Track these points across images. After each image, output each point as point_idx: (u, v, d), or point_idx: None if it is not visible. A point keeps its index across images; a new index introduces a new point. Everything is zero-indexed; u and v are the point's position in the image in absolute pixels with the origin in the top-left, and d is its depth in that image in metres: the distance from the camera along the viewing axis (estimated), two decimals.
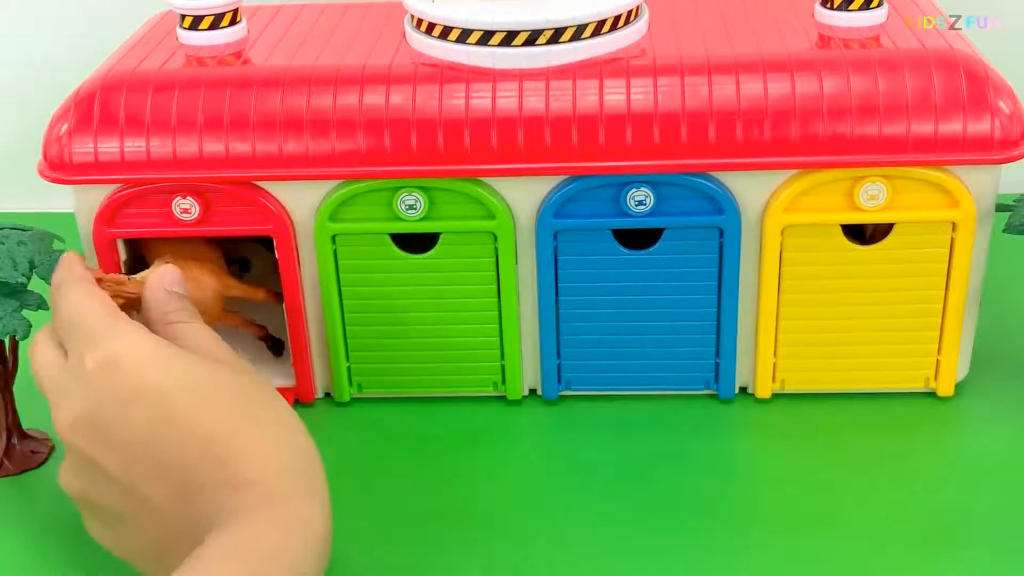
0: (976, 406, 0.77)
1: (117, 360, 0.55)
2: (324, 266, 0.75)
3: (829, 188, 0.71)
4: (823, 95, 0.70)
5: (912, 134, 0.69)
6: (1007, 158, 0.70)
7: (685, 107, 0.70)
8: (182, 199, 0.73)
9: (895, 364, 0.76)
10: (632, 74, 0.71)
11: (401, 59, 0.75)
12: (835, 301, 0.74)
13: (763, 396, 0.78)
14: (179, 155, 0.72)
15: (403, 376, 0.79)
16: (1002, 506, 0.68)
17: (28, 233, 0.72)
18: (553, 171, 0.71)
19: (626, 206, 0.72)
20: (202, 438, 0.53)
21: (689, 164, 0.70)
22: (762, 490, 0.71)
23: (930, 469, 0.72)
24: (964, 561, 0.64)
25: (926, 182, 0.70)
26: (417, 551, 0.67)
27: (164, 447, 0.54)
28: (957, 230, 0.71)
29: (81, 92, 0.74)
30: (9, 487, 0.73)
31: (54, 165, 0.73)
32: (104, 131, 0.72)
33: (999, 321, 0.84)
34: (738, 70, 0.71)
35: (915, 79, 0.70)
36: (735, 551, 0.66)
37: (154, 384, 0.55)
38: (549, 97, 0.71)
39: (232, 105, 0.72)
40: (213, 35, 0.79)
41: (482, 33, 0.73)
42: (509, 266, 0.74)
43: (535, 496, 0.71)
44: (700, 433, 0.75)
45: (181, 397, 0.54)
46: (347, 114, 0.71)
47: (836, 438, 0.75)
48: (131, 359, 0.55)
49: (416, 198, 0.72)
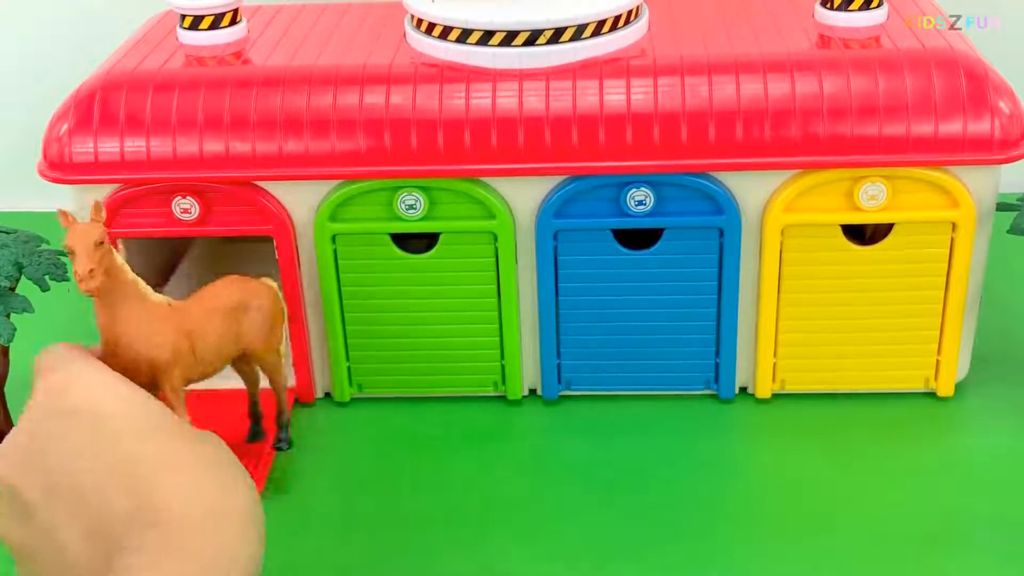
0: (976, 406, 0.77)
1: (67, 381, 0.54)
2: (324, 266, 0.75)
3: (829, 188, 0.71)
4: (823, 95, 0.70)
5: (912, 134, 0.69)
6: (1007, 158, 0.70)
7: (685, 107, 0.70)
8: (182, 199, 0.73)
9: (895, 364, 0.76)
10: (632, 74, 0.71)
11: (401, 59, 0.75)
12: (835, 301, 0.74)
13: (763, 396, 0.78)
14: (179, 155, 0.72)
15: (403, 376, 0.79)
16: (1002, 506, 0.68)
17: (11, 236, 0.72)
18: (553, 171, 0.71)
19: (626, 206, 0.72)
20: (124, 464, 0.50)
21: (689, 164, 0.70)
22: (762, 490, 0.71)
23: (930, 469, 0.72)
24: (964, 561, 0.64)
25: (926, 182, 0.70)
26: (417, 551, 0.67)
27: (86, 474, 0.50)
28: (957, 230, 0.71)
29: (81, 92, 0.74)
30: None
31: (54, 165, 0.73)
32: (104, 131, 0.72)
33: (999, 321, 0.84)
34: (738, 70, 0.71)
35: (915, 79, 0.70)
36: (735, 551, 0.66)
37: (94, 403, 0.52)
38: (549, 97, 0.71)
39: (232, 105, 0.72)
40: (213, 35, 0.79)
41: (482, 33, 0.73)
42: (509, 266, 0.74)
43: (535, 496, 0.71)
44: (700, 433, 0.75)
45: (116, 420, 0.52)
46: (347, 114, 0.71)
47: (836, 438, 0.75)
48: (80, 381, 0.54)
49: (416, 198, 0.72)
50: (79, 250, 0.58)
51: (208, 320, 0.65)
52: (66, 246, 0.58)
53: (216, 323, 0.66)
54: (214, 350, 0.66)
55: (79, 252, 0.57)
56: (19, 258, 0.70)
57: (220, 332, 0.66)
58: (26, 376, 0.64)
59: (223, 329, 0.66)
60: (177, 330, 0.63)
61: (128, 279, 0.61)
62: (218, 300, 0.67)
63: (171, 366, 0.62)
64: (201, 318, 0.65)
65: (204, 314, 0.65)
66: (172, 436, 0.52)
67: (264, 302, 0.68)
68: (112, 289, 0.60)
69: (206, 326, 0.65)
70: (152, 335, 0.61)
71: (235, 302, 0.67)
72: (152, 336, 0.62)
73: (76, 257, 0.58)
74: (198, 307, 0.65)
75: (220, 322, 0.66)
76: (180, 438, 0.52)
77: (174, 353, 0.63)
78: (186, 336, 0.64)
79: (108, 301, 0.60)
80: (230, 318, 0.66)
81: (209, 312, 0.66)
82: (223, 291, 0.67)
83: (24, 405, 0.55)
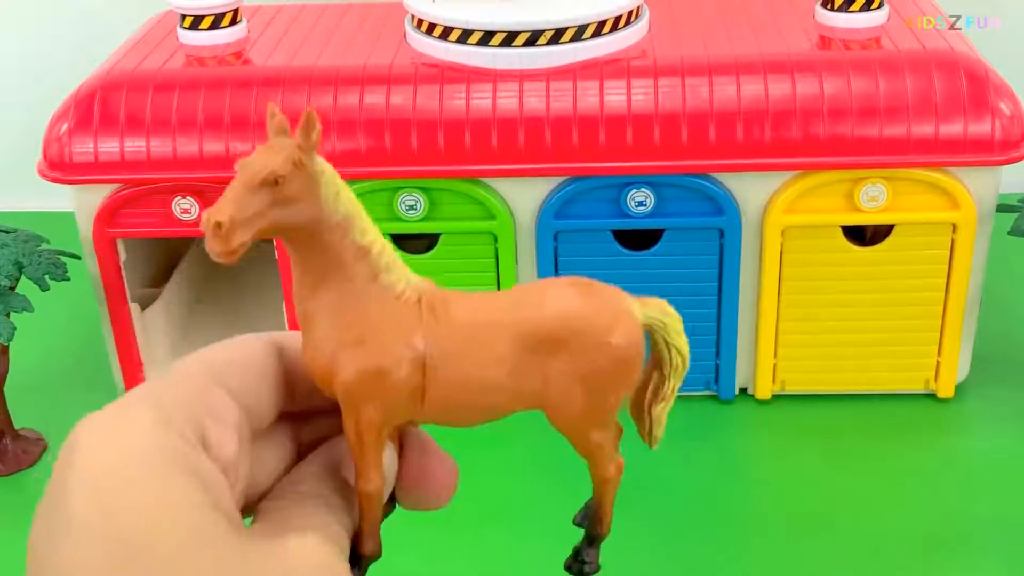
0: (976, 407, 0.77)
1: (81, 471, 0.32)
2: None
3: (829, 189, 0.71)
4: (823, 96, 0.70)
5: (912, 135, 0.69)
6: (1008, 159, 0.70)
7: (686, 108, 0.70)
8: (182, 199, 0.73)
9: (895, 365, 0.76)
10: (633, 75, 0.71)
11: (401, 59, 0.75)
12: (835, 302, 0.74)
13: (763, 397, 0.78)
14: (179, 155, 0.72)
15: None
16: (1002, 507, 0.68)
17: (11, 235, 0.72)
18: (553, 172, 0.71)
19: (626, 207, 0.72)
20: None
21: (689, 165, 0.70)
22: (762, 491, 0.71)
23: (930, 470, 0.72)
24: (964, 561, 0.64)
25: (926, 183, 0.70)
26: (416, 551, 0.66)
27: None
28: (957, 231, 0.71)
29: (81, 92, 0.74)
30: (1, 487, 0.73)
31: (54, 165, 0.73)
32: (104, 131, 0.72)
33: (999, 322, 0.84)
34: (739, 71, 0.71)
35: (915, 80, 0.70)
36: (735, 551, 0.66)
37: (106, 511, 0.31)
38: (550, 98, 0.71)
39: (232, 105, 0.72)
40: (213, 35, 0.79)
41: (483, 34, 0.73)
42: (509, 266, 0.74)
43: (534, 496, 0.71)
44: (700, 434, 0.75)
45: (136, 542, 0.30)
46: (347, 114, 0.71)
47: (836, 439, 0.74)
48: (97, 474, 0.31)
49: (416, 198, 0.72)
50: (233, 183, 0.34)
51: (479, 343, 0.36)
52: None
53: (494, 352, 0.36)
54: (474, 391, 0.36)
55: (230, 186, 0.34)
56: (19, 257, 0.70)
57: (496, 369, 0.36)
58: (25, 375, 0.64)
59: (509, 366, 0.36)
60: (405, 343, 0.35)
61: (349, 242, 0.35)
62: (520, 313, 0.36)
63: (361, 398, 0.35)
64: (465, 336, 0.36)
65: (473, 331, 0.36)
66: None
67: (619, 339, 0.36)
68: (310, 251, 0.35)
69: (469, 351, 0.36)
70: (352, 341, 0.35)
71: (555, 326, 0.36)
72: (351, 342, 0.35)
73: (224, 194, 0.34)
74: (469, 313, 0.36)
75: (506, 351, 0.36)
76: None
77: (374, 378, 0.35)
78: (419, 359, 0.35)
79: (311, 271, 0.35)
80: (531, 352, 0.36)
81: (488, 329, 0.36)
82: (539, 297, 0.37)
83: (23, 405, 0.54)
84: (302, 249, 0.35)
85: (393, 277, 0.36)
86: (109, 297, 0.75)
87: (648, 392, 0.40)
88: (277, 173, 0.34)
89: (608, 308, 0.37)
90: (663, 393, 0.40)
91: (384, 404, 0.35)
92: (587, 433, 0.40)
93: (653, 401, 0.40)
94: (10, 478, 0.74)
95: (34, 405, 0.77)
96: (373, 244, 0.36)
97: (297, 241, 0.35)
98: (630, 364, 0.37)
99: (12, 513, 0.70)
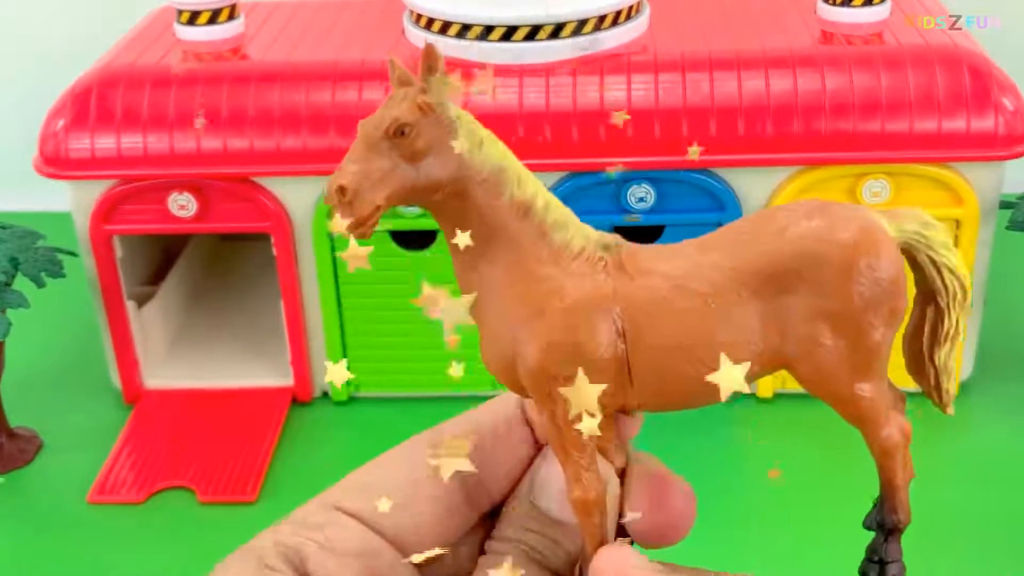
0: (979, 405, 0.76)
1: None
2: (322, 263, 0.74)
3: (832, 185, 0.70)
4: (825, 91, 0.69)
5: (915, 131, 0.69)
6: (1011, 155, 0.69)
7: (686, 103, 0.69)
8: (179, 195, 0.72)
9: (897, 363, 0.76)
10: (633, 70, 0.71)
11: (400, 54, 0.74)
12: None
13: (765, 395, 0.77)
14: (176, 151, 0.71)
15: (401, 375, 0.78)
16: (1005, 504, 0.68)
17: (7, 231, 0.71)
18: (553, 167, 0.71)
19: (627, 203, 0.71)
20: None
21: (690, 160, 0.70)
22: (763, 489, 0.70)
23: (933, 468, 0.71)
24: (967, 559, 0.64)
25: (929, 179, 0.70)
26: None
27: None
28: (961, 228, 0.71)
29: (77, 87, 0.73)
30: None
31: (50, 161, 0.72)
32: (101, 127, 0.72)
33: (1003, 320, 0.83)
34: (740, 66, 0.70)
35: (918, 75, 0.69)
36: (736, 550, 0.65)
37: None
38: (549, 93, 0.70)
39: (229, 101, 0.71)
40: (210, 30, 0.78)
41: (482, 28, 0.72)
42: None
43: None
44: (700, 432, 0.75)
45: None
46: (345, 109, 0.71)
47: (838, 437, 0.73)
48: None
49: None
50: (354, 143, 0.31)
51: (688, 295, 0.30)
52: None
53: (708, 304, 0.30)
54: (692, 359, 0.31)
55: (352, 147, 0.31)
56: (15, 254, 0.70)
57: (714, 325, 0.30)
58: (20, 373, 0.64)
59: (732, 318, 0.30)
60: (596, 307, 0.30)
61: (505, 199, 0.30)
62: (735, 252, 0.30)
63: (553, 382, 0.29)
64: (669, 289, 0.30)
65: (678, 282, 0.30)
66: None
67: (868, 260, 0.30)
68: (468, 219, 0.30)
69: (677, 307, 0.30)
70: (529, 315, 0.30)
71: (783, 257, 0.30)
72: (528, 316, 0.30)
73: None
74: (667, 262, 0.31)
75: (725, 301, 0.30)
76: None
77: (566, 355, 0.30)
78: (615, 325, 0.30)
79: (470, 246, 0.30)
80: (759, 296, 0.30)
81: (696, 278, 0.30)
82: (755, 227, 0.31)
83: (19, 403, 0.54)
84: (453, 219, 0.29)
85: (568, 234, 0.30)
86: (106, 294, 0.75)
87: (925, 334, 0.33)
88: (400, 120, 0.30)
89: (848, 226, 0.29)
90: (944, 332, 0.32)
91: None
92: (850, 388, 0.32)
93: (933, 345, 0.33)
94: (5, 476, 0.73)
95: (29, 403, 0.77)
96: (536, 197, 0.30)
97: (445, 210, 0.29)
98: (889, 291, 0.30)
99: (7, 512, 0.70)
